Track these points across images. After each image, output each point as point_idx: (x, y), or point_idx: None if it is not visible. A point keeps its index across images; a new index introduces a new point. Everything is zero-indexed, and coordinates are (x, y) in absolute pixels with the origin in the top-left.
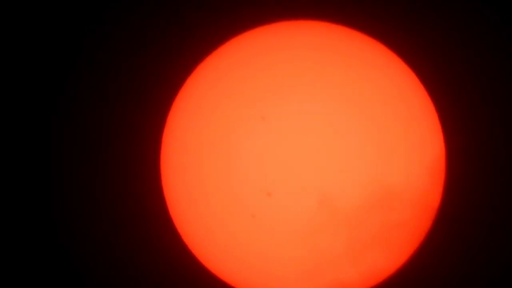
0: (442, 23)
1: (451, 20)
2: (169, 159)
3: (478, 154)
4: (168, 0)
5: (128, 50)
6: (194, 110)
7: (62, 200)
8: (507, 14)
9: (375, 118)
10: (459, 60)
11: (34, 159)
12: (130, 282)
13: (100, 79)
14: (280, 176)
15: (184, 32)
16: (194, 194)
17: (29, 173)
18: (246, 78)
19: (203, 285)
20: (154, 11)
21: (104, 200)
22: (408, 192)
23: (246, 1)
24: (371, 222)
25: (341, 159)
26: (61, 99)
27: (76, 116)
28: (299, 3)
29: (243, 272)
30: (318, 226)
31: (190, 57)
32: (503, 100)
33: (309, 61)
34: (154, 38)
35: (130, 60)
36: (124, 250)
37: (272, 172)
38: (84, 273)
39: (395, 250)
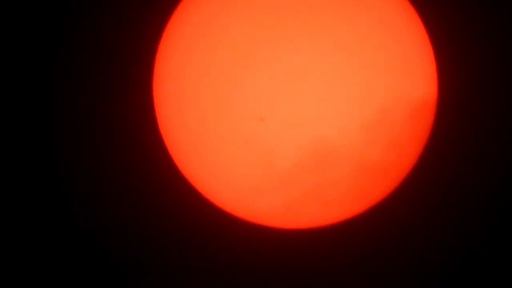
0: None
1: None
2: (162, 84)
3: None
4: None
5: None
6: (187, 35)
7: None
8: None
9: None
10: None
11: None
12: (120, 205)
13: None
14: (273, 102)
15: None
16: (187, 118)
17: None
18: (240, 4)
19: (194, 207)
20: None
21: (95, 124)
22: (346, 148)
23: None
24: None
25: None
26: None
27: (67, 40)
28: None
29: (234, 196)
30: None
31: None
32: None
33: None
34: None
35: None
36: (114, 174)
37: (265, 98)
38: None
39: (332, 208)
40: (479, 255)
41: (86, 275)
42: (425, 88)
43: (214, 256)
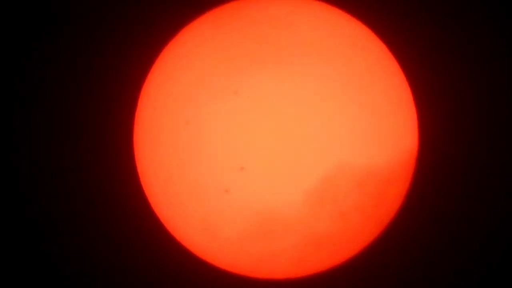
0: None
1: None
2: (142, 135)
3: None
4: None
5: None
6: (166, 86)
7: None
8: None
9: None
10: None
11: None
12: (96, 253)
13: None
14: (253, 150)
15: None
16: (166, 168)
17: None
18: (218, 53)
19: (174, 258)
20: None
21: (76, 173)
22: (294, 216)
23: None
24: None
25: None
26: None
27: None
28: None
29: (215, 246)
30: None
31: (160, 34)
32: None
33: (282, 36)
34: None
35: (100, 39)
36: (92, 221)
37: (245, 147)
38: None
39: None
40: None
41: None
42: (374, 156)
43: None
